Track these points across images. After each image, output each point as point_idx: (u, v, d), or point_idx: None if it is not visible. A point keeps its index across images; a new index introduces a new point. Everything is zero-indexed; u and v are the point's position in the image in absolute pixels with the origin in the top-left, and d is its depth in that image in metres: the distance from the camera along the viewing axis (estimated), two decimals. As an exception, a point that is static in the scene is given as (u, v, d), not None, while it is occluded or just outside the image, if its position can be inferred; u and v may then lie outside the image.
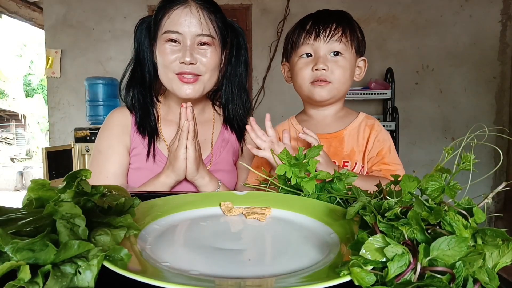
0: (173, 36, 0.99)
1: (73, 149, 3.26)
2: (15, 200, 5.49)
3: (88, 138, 3.24)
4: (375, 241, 0.38)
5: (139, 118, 1.09)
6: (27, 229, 0.39)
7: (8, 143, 12.00)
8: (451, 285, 0.35)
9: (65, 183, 0.47)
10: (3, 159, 10.00)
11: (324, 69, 0.99)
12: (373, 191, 0.60)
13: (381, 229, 0.42)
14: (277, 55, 3.56)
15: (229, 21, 1.10)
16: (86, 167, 1.06)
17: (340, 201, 0.65)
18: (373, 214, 0.45)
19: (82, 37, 3.81)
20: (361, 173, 1.02)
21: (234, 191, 0.73)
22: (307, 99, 1.08)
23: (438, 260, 0.36)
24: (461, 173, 0.53)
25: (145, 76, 1.10)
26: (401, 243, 0.38)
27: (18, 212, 0.44)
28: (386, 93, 3.29)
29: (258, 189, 0.80)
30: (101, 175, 1.05)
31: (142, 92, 1.10)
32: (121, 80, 1.11)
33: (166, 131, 1.12)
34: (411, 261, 0.36)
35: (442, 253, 0.36)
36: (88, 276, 0.35)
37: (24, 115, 12.89)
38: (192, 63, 0.99)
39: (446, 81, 3.48)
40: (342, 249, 0.47)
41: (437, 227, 0.41)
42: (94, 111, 3.51)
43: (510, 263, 0.39)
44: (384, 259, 0.37)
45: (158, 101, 1.15)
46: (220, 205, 0.65)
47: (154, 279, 0.34)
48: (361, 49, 1.05)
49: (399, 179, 0.53)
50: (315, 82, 1.01)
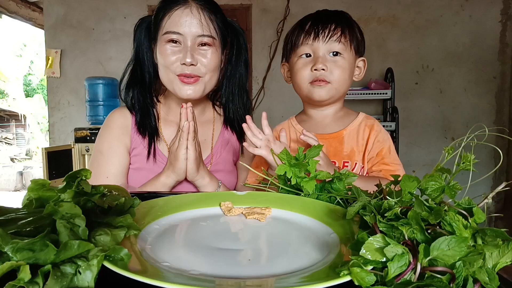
0: (174, 36, 0.99)
1: (73, 149, 3.26)
2: (15, 200, 5.49)
3: (88, 138, 3.24)
4: (375, 241, 0.38)
5: (139, 118, 1.09)
6: (27, 229, 0.39)
7: (8, 143, 12.00)
8: (451, 285, 0.35)
9: (65, 183, 0.47)
10: (3, 159, 10.00)
11: (323, 69, 0.99)
12: (373, 191, 0.60)
13: (381, 229, 0.42)
14: (277, 55, 3.56)
15: (229, 20, 1.10)
16: (86, 167, 1.06)
17: (340, 201, 0.65)
18: (373, 214, 0.45)
19: (82, 37, 3.81)
20: (361, 173, 1.02)
21: (234, 191, 0.73)
22: (306, 99, 1.08)
23: (438, 260, 0.36)
24: (461, 173, 0.53)
25: (145, 76, 1.10)
26: (401, 243, 0.38)
27: (18, 212, 0.44)
28: (386, 93, 3.29)
29: (258, 189, 0.80)
30: (101, 175, 1.05)
31: (142, 92, 1.10)
32: (121, 80, 1.11)
33: (166, 131, 1.12)
34: (411, 261, 0.36)
35: (442, 253, 0.36)
36: (88, 276, 0.35)
37: (24, 115, 12.89)
38: (192, 64, 0.99)
39: (446, 81, 3.48)
40: (342, 249, 0.47)
41: (437, 227, 0.41)
42: (94, 111, 3.50)
43: (510, 263, 0.39)
44: (384, 259, 0.37)
45: (158, 101, 1.15)
46: (220, 205, 0.65)
47: (154, 279, 0.34)
48: (360, 49, 1.05)
49: (399, 179, 0.53)
50: (314, 82, 1.01)
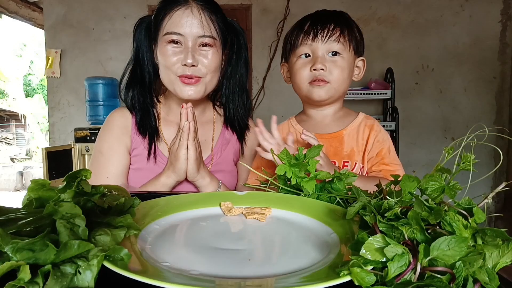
0: (175, 37, 0.99)
1: (73, 149, 3.26)
2: (15, 200, 5.49)
3: (88, 138, 3.24)
4: (375, 241, 0.38)
5: (139, 118, 1.09)
6: (27, 229, 0.39)
7: (8, 143, 12.00)
8: (451, 285, 0.35)
9: (65, 183, 0.47)
10: (3, 159, 10.00)
11: (322, 69, 0.99)
12: (373, 191, 0.60)
13: (381, 229, 0.42)
14: (277, 55, 3.56)
15: (229, 20, 1.10)
16: (86, 167, 1.06)
17: (340, 201, 0.65)
18: (373, 214, 0.45)
19: (82, 37, 3.81)
20: (360, 173, 1.02)
21: (234, 191, 0.73)
22: (306, 99, 1.08)
23: (438, 260, 0.36)
24: (461, 173, 0.53)
25: (145, 76, 1.10)
26: (401, 243, 0.38)
27: (18, 212, 0.44)
28: (386, 93, 3.29)
29: (258, 189, 0.80)
30: (101, 175, 1.05)
31: (142, 92, 1.10)
32: (121, 80, 1.11)
33: (166, 131, 1.12)
34: (411, 261, 0.36)
35: (442, 253, 0.36)
36: (88, 276, 0.35)
37: (24, 115, 12.88)
38: (193, 65, 0.99)
39: (446, 81, 3.48)
40: (342, 249, 0.47)
41: (437, 227, 0.41)
42: (94, 111, 3.50)
43: (510, 263, 0.39)
44: (384, 259, 0.37)
45: (159, 101, 1.15)
46: (220, 205, 0.65)
47: (154, 279, 0.34)
48: (359, 49, 1.05)
49: (399, 179, 0.53)
50: (313, 82, 1.01)
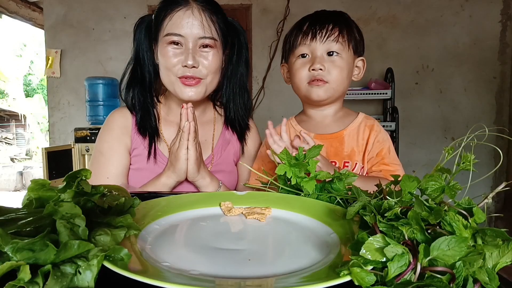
0: (175, 38, 0.99)
1: (73, 149, 3.26)
2: (15, 200, 5.50)
3: (88, 138, 3.24)
4: (375, 241, 0.38)
5: (139, 118, 1.09)
6: (27, 229, 0.39)
7: (8, 143, 12.00)
8: (451, 285, 0.35)
9: (65, 183, 0.47)
10: (3, 159, 10.00)
11: (321, 69, 0.99)
12: (373, 191, 0.60)
13: (381, 229, 0.42)
14: (277, 55, 3.56)
15: (230, 20, 1.10)
16: (86, 167, 1.06)
17: (340, 201, 0.65)
18: (373, 214, 0.45)
19: (82, 37, 3.81)
20: (361, 173, 1.02)
21: (234, 191, 0.73)
22: (305, 99, 1.08)
23: (438, 260, 0.36)
24: (461, 173, 0.53)
25: (145, 76, 1.10)
26: (401, 243, 0.38)
27: (18, 212, 0.44)
28: (386, 93, 3.29)
29: (258, 189, 0.80)
30: (102, 176, 1.05)
31: (142, 92, 1.10)
32: (121, 80, 1.11)
33: (166, 131, 1.12)
34: (411, 261, 0.36)
35: (442, 253, 0.36)
36: (88, 276, 0.35)
37: (24, 115, 12.88)
38: (194, 66, 0.99)
39: (446, 81, 3.48)
40: (342, 249, 0.47)
41: (437, 227, 0.41)
42: (94, 111, 3.50)
43: (510, 263, 0.39)
44: (384, 259, 0.37)
45: (159, 101, 1.15)
46: (220, 205, 0.65)
47: (154, 279, 0.34)
48: (359, 49, 1.05)
49: (399, 179, 0.53)
50: (312, 82, 1.01)
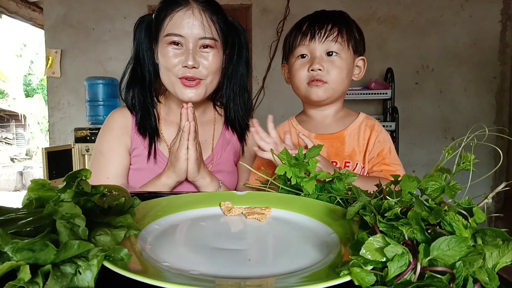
0: (176, 39, 0.98)
1: (73, 149, 3.26)
2: (15, 200, 5.49)
3: (88, 138, 3.24)
4: (375, 241, 0.38)
5: (139, 118, 1.09)
6: (27, 229, 0.39)
7: (8, 143, 12.00)
8: (451, 285, 0.35)
9: (65, 183, 0.47)
10: (3, 159, 9.99)
11: (320, 70, 0.99)
12: (373, 191, 0.60)
13: (381, 229, 0.42)
14: (277, 55, 3.56)
15: (230, 20, 1.10)
16: (86, 167, 1.06)
17: (340, 201, 0.65)
18: (373, 214, 0.45)
19: (82, 37, 3.81)
20: (361, 173, 1.02)
21: (234, 191, 0.73)
22: (305, 99, 1.08)
23: (438, 260, 0.36)
24: (461, 173, 0.53)
25: (145, 76, 1.10)
26: (401, 243, 0.38)
27: (18, 212, 0.44)
28: (386, 93, 3.29)
29: (258, 189, 0.80)
30: (102, 176, 1.05)
31: (142, 92, 1.10)
32: (121, 79, 1.11)
33: (166, 131, 1.12)
34: (411, 261, 0.36)
35: (442, 253, 0.36)
36: (88, 276, 0.35)
37: (24, 115, 12.88)
38: (194, 66, 0.98)
39: (446, 81, 3.48)
40: (342, 249, 0.47)
41: (437, 227, 0.41)
42: (94, 111, 3.51)
43: (510, 263, 0.39)
44: (384, 259, 0.37)
45: (159, 101, 1.15)
46: (220, 205, 0.65)
47: (154, 279, 0.34)
48: (359, 48, 1.05)
49: (399, 179, 0.53)
50: (311, 82, 1.01)
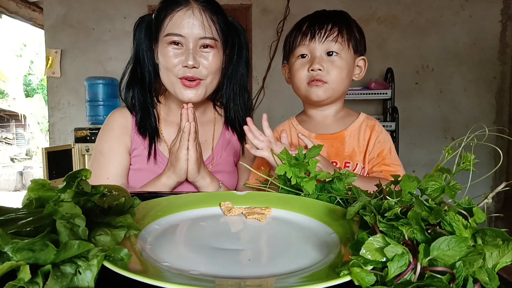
0: (176, 38, 0.98)
1: (73, 149, 3.26)
2: (15, 200, 5.49)
3: (88, 138, 3.24)
4: (375, 241, 0.38)
5: (139, 118, 1.09)
6: (27, 229, 0.39)
7: (8, 143, 11.99)
8: (451, 285, 0.35)
9: (65, 183, 0.47)
10: (3, 159, 9.99)
11: (320, 70, 0.98)
12: (373, 191, 0.60)
13: (381, 229, 0.42)
14: (277, 55, 3.56)
15: (230, 20, 1.10)
16: (86, 167, 1.06)
17: (340, 201, 0.65)
18: (373, 214, 0.45)
19: (82, 37, 3.81)
20: (361, 174, 1.02)
21: (234, 191, 0.73)
22: (305, 99, 1.08)
23: (438, 260, 0.36)
24: (461, 173, 0.53)
25: (145, 76, 1.10)
26: (401, 243, 0.38)
27: (18, 212, 0.44)
28: (386, 93, 3.29)
29: (258, 189, 0.80)
30: (102, 176, 1.05)
31: (142, 92, 1.10)
32: (121, 79, 1.11)
33: (166, 132, 1.11)
34: (411, 261, 0.36)
35: (442, 253, 0.36)
36: (88, 276, 0.35)
37: (24, 115, 12.88)
38: (194, 66, 0.98)
39: (446, 81, 3.48)
40: (342, 249, 0.47)
41: (437, 227, 0.41)
42: (94, 111, 3.51)
43: (510, 263, 0.39)
44: (384, 259, 0.37)
45: (159, 101, 1.15)
46: (220, 205, 0.65)
47: (154, 279, 0.34)
48: (359, 48, 1.05)
49: (399, 179, 0.53)
50: (311, 82, 1.01)
